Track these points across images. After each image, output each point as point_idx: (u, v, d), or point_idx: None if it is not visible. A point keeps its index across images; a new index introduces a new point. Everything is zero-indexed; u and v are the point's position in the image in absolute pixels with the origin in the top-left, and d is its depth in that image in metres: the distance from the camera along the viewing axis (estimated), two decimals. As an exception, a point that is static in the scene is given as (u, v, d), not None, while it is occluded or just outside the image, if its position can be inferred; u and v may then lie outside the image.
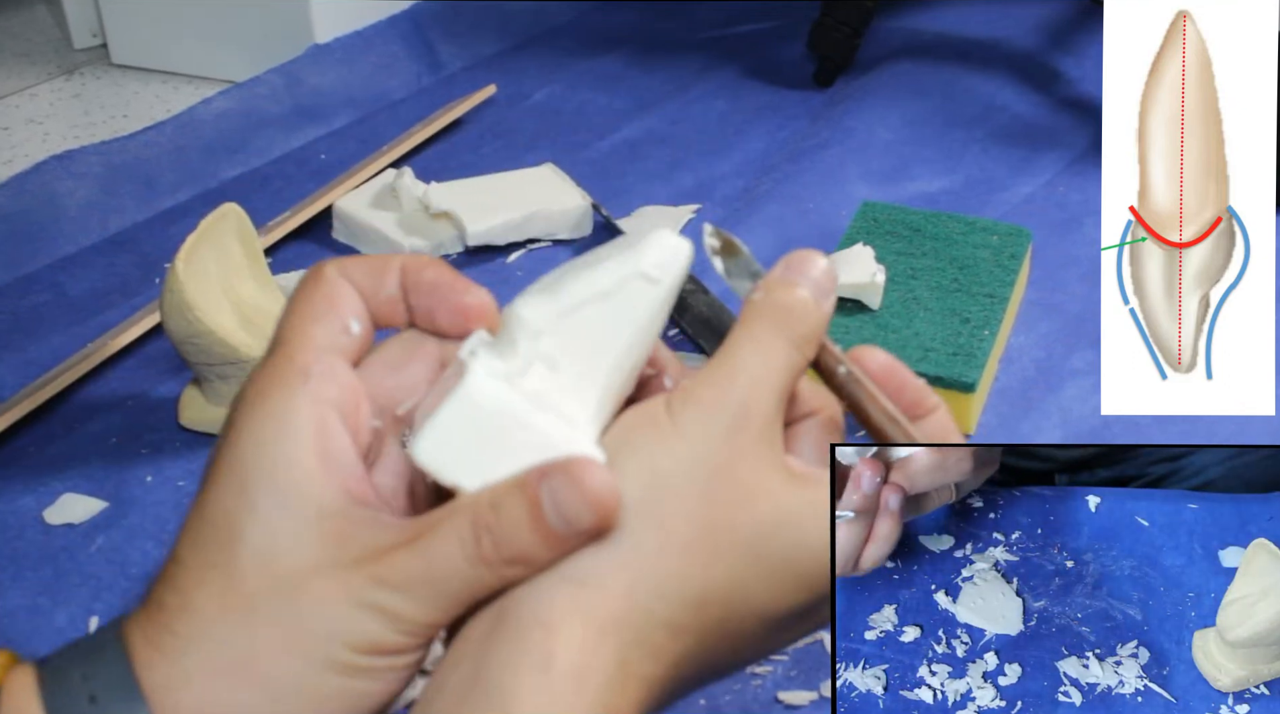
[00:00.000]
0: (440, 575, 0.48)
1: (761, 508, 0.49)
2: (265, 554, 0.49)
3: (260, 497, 0.49)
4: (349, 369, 0.52)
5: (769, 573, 0.49)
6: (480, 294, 0.55)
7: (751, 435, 0.49)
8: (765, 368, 0.50)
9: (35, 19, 1.49)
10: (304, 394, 0.50)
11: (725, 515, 0.48)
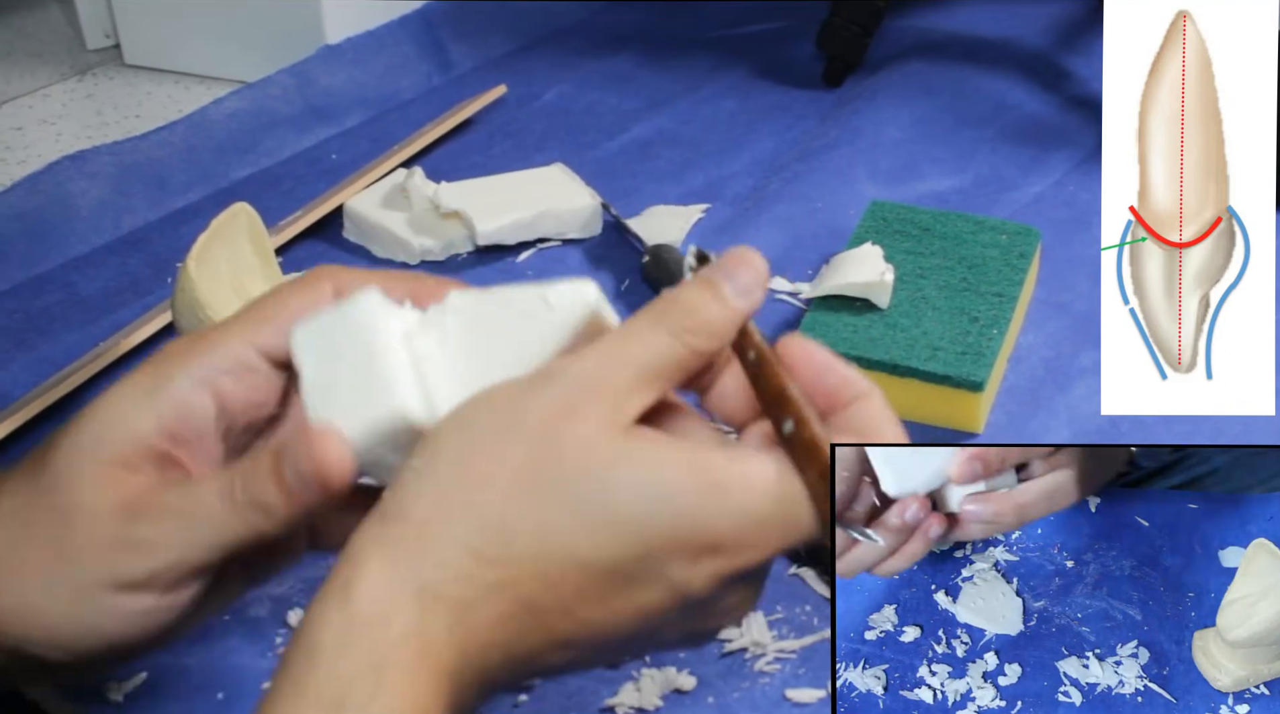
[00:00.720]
0: (194, 513, 0.54)
1: (584, 458, 0.51)
2: (57, 481, 0.56)
3: (82, 429, 0.56)
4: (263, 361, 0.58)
5: (585, 518, 0.50)
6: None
7: (593, 402, 0.51)
8: (625, 348, 0.52)
9: (48, 19, 1.50)
10: (194, 363, 0.57)
11: (541, 461, 0.50)
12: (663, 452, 0.51)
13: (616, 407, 0.52)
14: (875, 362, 0.86)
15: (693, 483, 0.51)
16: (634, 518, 0.50)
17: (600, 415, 0.51)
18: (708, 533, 0.51)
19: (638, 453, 0.51)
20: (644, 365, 0.53)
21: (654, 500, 0.51)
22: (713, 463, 0.52)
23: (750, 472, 0.52)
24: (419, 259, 1.03)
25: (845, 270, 0.90)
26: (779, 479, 0.52)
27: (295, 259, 1.04)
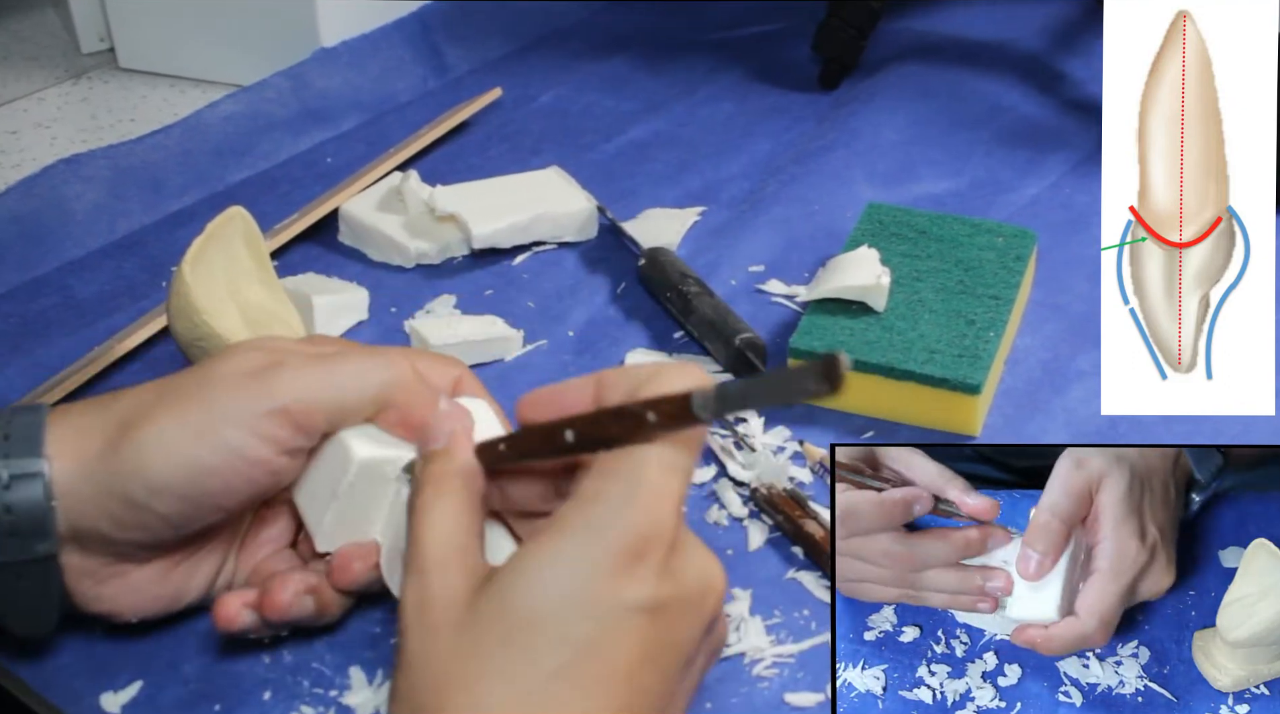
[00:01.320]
0: (340, 367, 0.67)
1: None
2: (200, 362, 0.68)
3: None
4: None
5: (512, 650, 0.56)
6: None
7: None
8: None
9: (43, 23, 1.49)
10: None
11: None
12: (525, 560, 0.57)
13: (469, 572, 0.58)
14: (872, 364, 0.86)
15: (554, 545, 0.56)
16: (543, 611, 0.55)
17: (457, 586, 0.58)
18: (620, 546, 0.55)
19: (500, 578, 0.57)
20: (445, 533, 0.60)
21: (534, 583, 0.56)
22: (557, 519, 0.57)
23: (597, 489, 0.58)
24: (414, 262, 1.03)
25: (842, 273, 0.90)
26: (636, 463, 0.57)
27: (291, 263, 1.04)
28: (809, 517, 0.78)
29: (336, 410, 0.66)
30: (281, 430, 0.65)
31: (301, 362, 0.66)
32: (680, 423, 0.56)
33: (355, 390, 0.66)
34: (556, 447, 0.60)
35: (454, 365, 0.71)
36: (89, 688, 0.70)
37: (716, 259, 1.03)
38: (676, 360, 0.61)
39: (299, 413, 0.65)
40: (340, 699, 0.69)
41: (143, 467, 0.63)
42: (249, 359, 0.66)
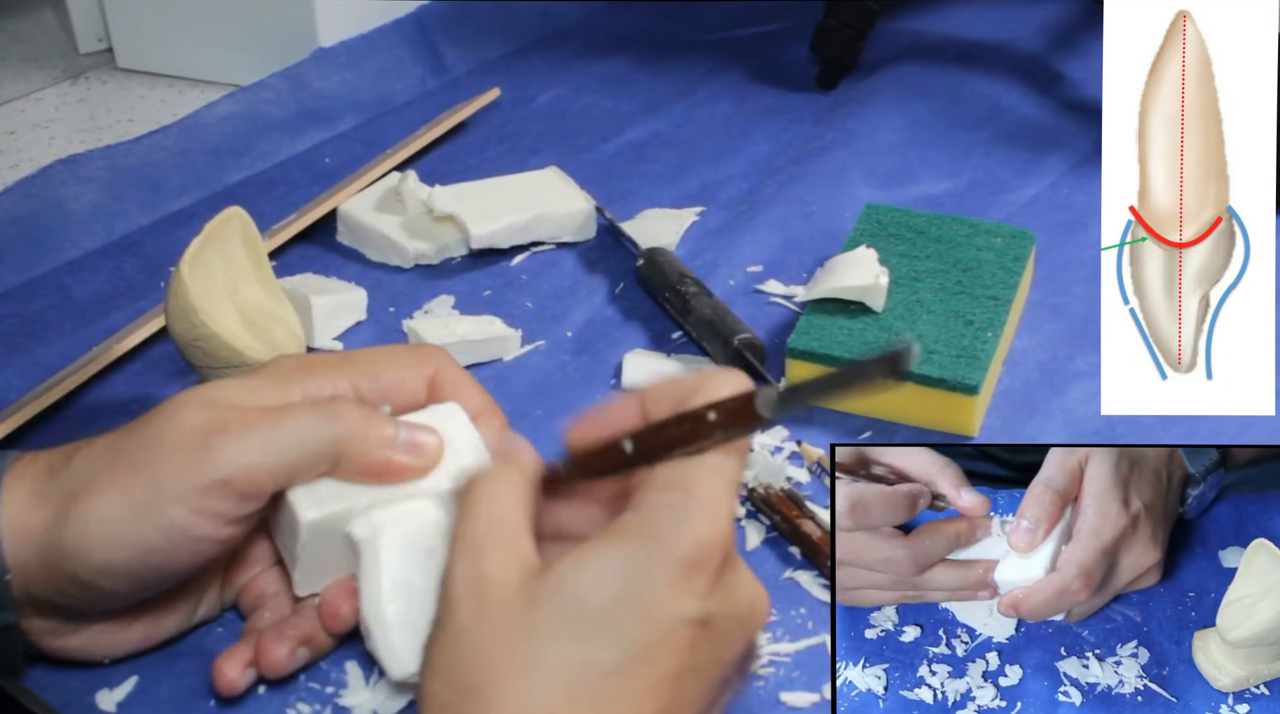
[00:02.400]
0: (281, 421, 0.65)
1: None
2: (151, 417, 0.65)
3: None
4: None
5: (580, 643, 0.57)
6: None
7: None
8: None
9: (41, 23, 1.49)
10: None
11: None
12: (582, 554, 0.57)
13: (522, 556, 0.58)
14: (871, 364, 0.85)
15: (627, 545, 0.56)
16: (603, 610, 0.55)
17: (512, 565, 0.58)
18: (681, 556, 0.56)
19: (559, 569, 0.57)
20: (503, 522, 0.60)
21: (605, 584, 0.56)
22: (618, 525, 0.58)
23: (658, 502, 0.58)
24: (413, 263, 1.03)
25: (840, 273, 0.90)
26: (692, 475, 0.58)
27: (289, 263, 1.04)
28: (806, 517, 0.78)
29: (283, 474, 0.65)
30: (225, 504, 0.64)
31: (244, 425, 0.64)
32: (744, 422, 0.57)
33: (304, 450, 0.65)
34: (616, 461, 0.60)
35: (425, 364, 0.71)
36: (85, 686, 0.70)
37: (715, 259, 1.03)
38: (719, 367, 0.62)
39: (243, 482, 0.63)
40: (337, 699, 0.69)
41: (86, 547, 0.63)
42: (195, 423, 0.64)
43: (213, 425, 0.64)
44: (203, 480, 0.63)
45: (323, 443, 0.65)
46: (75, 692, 0.70)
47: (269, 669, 0.68)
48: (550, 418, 0.88)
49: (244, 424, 0.64)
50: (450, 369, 0.71)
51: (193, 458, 0.63)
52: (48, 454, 0.67)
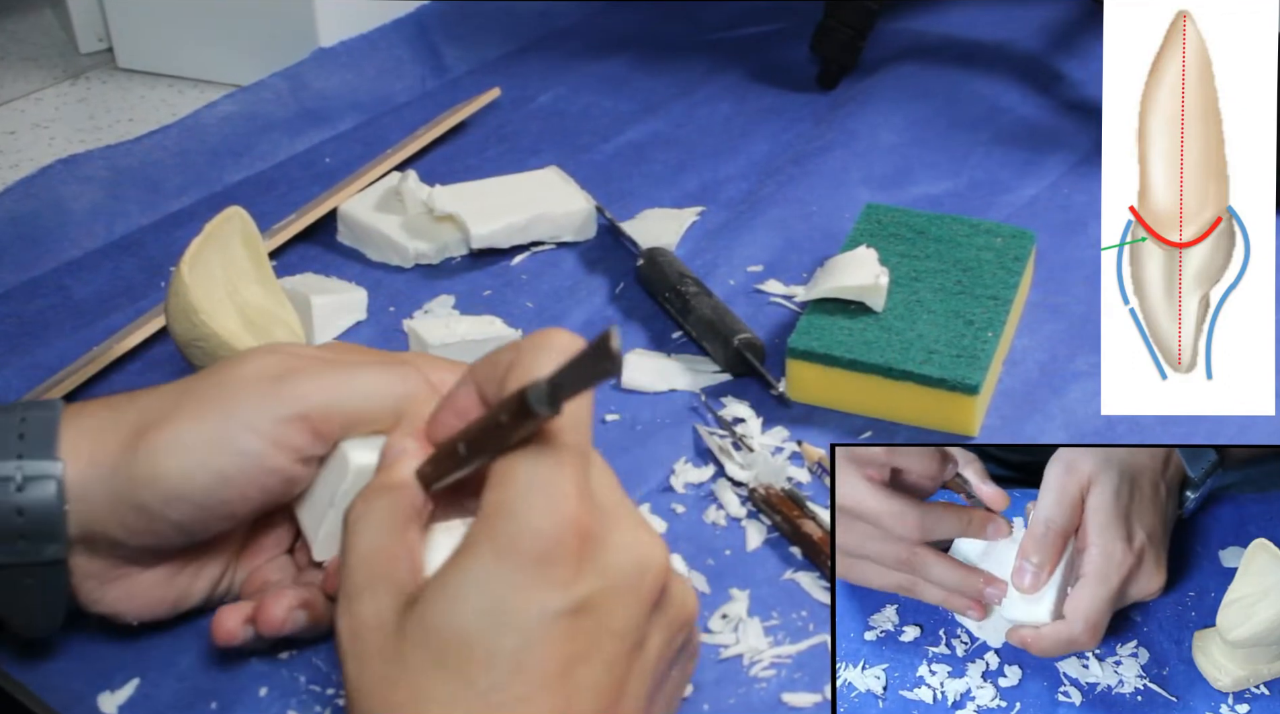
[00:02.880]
0: (359, 373, 0.66)
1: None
2: (220, 366, 0.67)
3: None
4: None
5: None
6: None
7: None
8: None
9: (41, 23, 1.49)
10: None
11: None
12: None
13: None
14: (870, 365, 0.86)
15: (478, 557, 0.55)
16: (467, 631, 0.54)
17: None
18: (527, 554, 0.54)
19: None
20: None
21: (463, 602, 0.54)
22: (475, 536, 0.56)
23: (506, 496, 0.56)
24: (413, 263, 1.03)
25: (840, 273, 0.90)
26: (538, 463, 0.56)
27: (289, 263, 1.04)
28: (807, 517, 0.78)
29: (354, 419, 0.66)
30: (300, 437, 0.64)
31: (320, 368, 0.66)
32: (527, 421, 0.54)
33: (374, 400, 0.66)
34: (459, 463, 0.59)
35: (454, 372, 0.69)
36: (86, 689, 0.70)
37: (715, 259, 1.03)
38: (528, 338, 0.59)
39: (318, 419, 0.64)
40: (337, 700, 0.69)
41: (159, 474, 0.63)
42: (268, 363, 0.66)
43: (289, 366, 0.65)
44: (280, 412, 0.64)
45: (393, 398, 0.66)
46: (77, 694, 0.70)
47: (265, 624, 0.67)
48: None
49: (320, 369, 0.66)
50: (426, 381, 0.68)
51: (270, 391, 0.64)
52: (104, 399, 0.67)
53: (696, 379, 0.92)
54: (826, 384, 0.87)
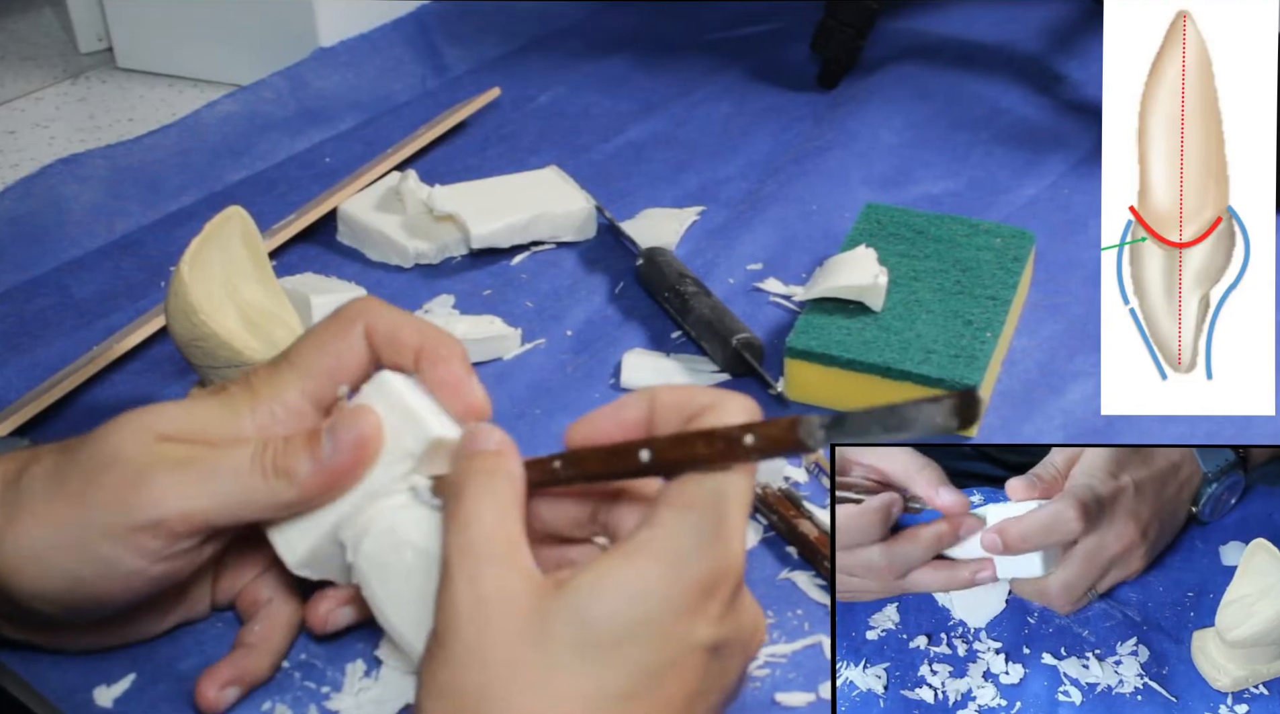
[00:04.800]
0: (219, 468, 0.62)
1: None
2: (98, 443, 0.63)
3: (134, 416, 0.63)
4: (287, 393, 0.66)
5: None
6: (481, 394, 0.65)
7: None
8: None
9: (41, 23, 1.49)
10: (256, 412, 0.65)
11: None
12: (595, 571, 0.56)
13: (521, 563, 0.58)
14: (869, 364, 0.86)
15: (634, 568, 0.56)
16: (619, 633, 0.55)
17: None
18: (700, 581, 0.56)
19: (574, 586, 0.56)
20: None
21: (623, 604, 0.55)
22: (624, 547, 0.57)
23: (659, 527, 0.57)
24: (413, 262, 1.03)
25: (839, 273, 0.90)
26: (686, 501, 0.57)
27: (289, 263, 1.04)
28: (804, 517, 0.78)
29: (221, 517, 0.63)
30: (155, 542, 0.62)
31: (181, 463, 0.62)
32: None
33: (238, 502, 0.63)
34: (627, 467, 0.59)
35: (352, 325, 0.66)
36: (82, 682, 0.70)
37: (714, 259, 1.03)
38: (731, 392, 0.61)
39: (176, 523, 0.62)
40: (330, 697, 0.69)
41: (19, 572, 0.62)
42: (131, 453, 0.62)
43: (150, 462, 0.62)
44: (134, 519, 0.61)
45: (260, 500, 0.63)
46: (73, 687, 0.70)
47: (312, 624, 0.69)
48: (550, 417, 0.88)
49: (182, 462, 0.62)
50: (379, 317, 0.66)
51: (126, 495, 0.61)
52: (11, 461, 0.65)
53: (695, 379, 0.92)
54: (825, 384, 0.87)
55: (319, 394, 0.66)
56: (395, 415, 0.64)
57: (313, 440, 0.63)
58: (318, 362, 0.65)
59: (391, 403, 0.65)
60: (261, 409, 0.65)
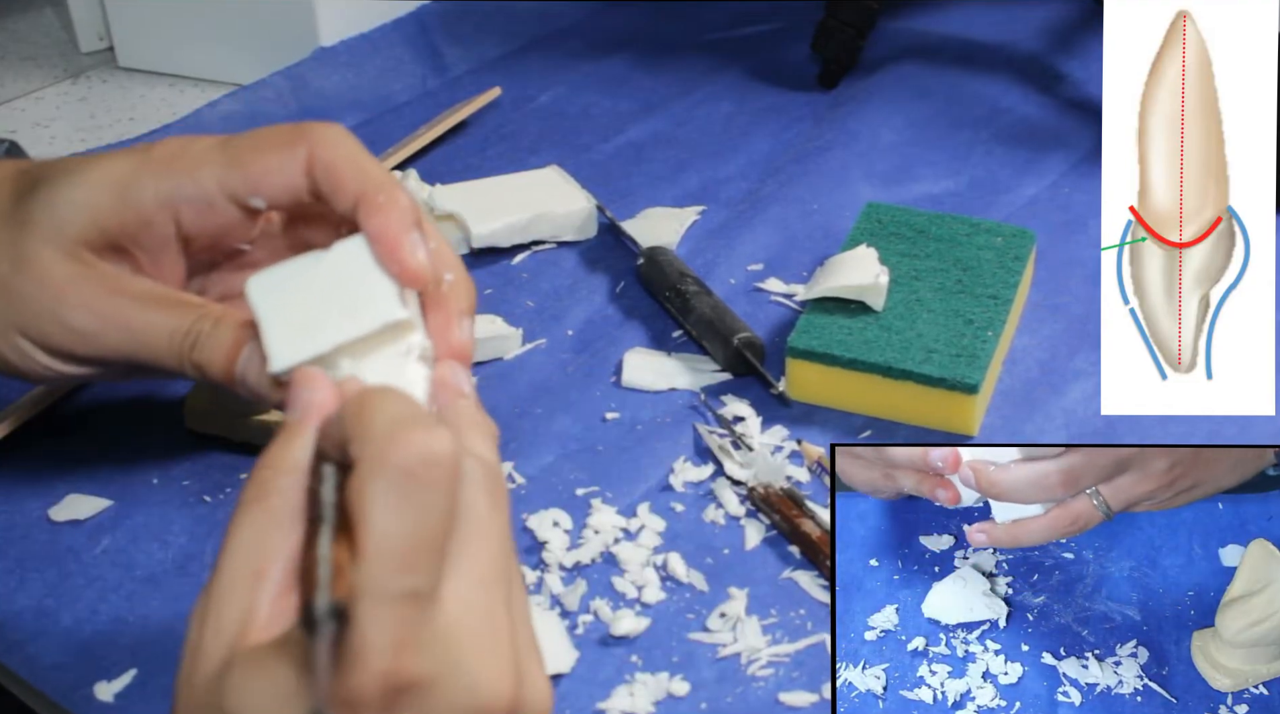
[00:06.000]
0: (138, 332, 0.61)
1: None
2: (15, 253, 0.62)
3: (51, 207, 0.62)
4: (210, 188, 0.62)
5: None
6: (419, 258, 0.57)
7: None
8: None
9: (41, 22, 1.49)
10: (165, 183, 0.61)
11: None
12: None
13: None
14: (870, 364, 0.86)
15: None
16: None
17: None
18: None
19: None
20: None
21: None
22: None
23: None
24: (414, 261, 1.03)
25: (840, 272, 0.90)
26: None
27: (290, 261, 1.04)
28: (806, 516, 0.78)
29: (124, 358, 0.62)
30: (42, 356, 0.63)
31: (90, 293, 0.61)
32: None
33: (145, 354, 0.62)
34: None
35: (298, 144, 0.60)
36: (82, 678, 0.70)
37: (715, 258, 1.03)
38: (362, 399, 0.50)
39: (78, 350, 0.62)
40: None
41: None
42: (48, 271, 0.61)
43: (59, 282, 0.61)
44: (47, 340, 0.62)
45: (168, 365, 0.62)
46: (73, 683, 0.70)
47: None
48: (550, 416, 0.88)
49: (91, 291, 0.61)
50: (327, 147, 0.60)
51: (43, 324, 0.62)
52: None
53: (696, 378, 0.92)
54: (826, 383, 0.87)
55: (235, 193, 0.61)
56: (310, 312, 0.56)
57: (231, 353, 0.60)
58: (250, 160, 0.61)
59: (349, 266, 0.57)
60: (169, 184, 0.61)
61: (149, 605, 0.76)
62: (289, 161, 0.60)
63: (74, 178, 0.62)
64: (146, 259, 0.63)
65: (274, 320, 0.56)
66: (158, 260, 0.63)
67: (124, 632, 0.73)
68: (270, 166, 0.60)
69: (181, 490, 0.84)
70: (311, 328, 0.55)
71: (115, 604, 0.76)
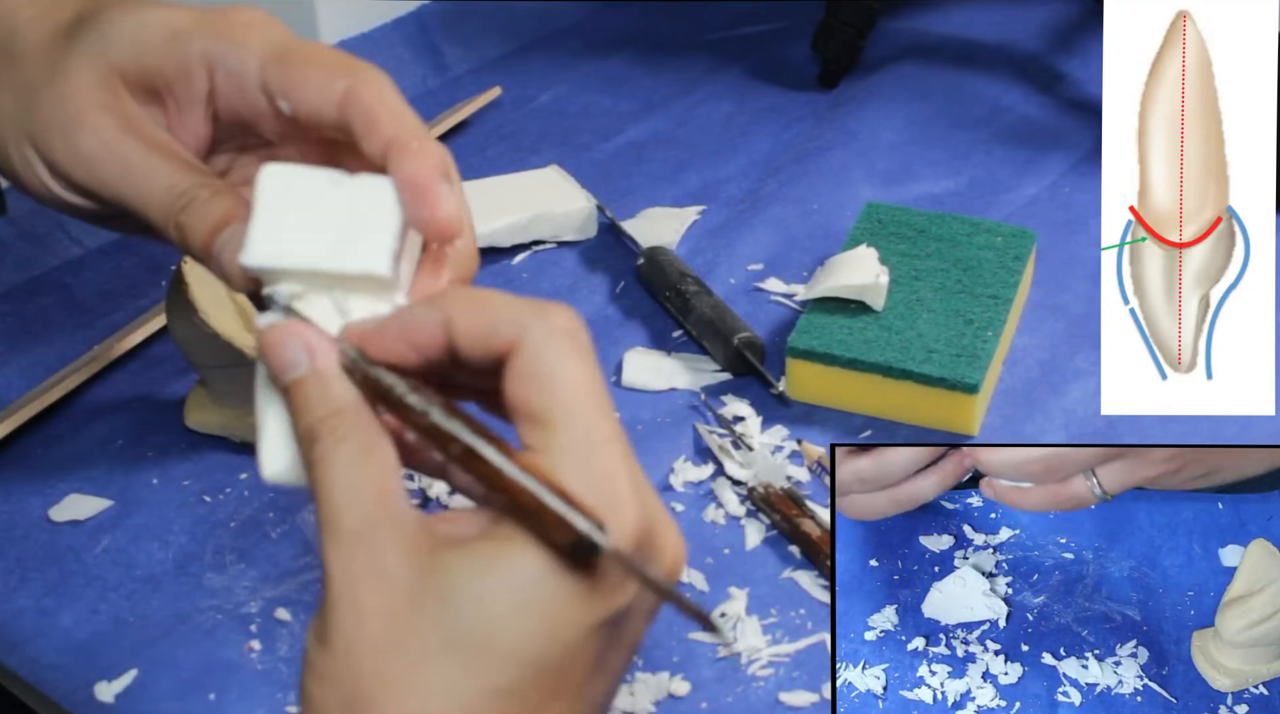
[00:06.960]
0: (135, 179, 0.60)
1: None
2: (54, 64, 0.62)
3: (100, 30, 0.61)
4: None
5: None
6: (451, 207, 0.57)
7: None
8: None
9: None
10: (212, 45, 0.60)
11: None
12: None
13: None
14: (870, 364, 0.86)
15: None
16: (497, 625, 0.49)
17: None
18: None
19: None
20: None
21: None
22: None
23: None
24: (414, 261, 1.03)
25: (840, 272, 0.90)
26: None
27: (290, 261, 1.04)
28: (806, 516, 0.78)
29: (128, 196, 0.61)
30: (56, 184, 0.63)
31: (116, 135, 0.60)
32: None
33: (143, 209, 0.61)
34: (438, 444, 0.51)
35: (342, 77, 0.59)
36: (83, 679, 0.70)
37: (715, 258, 1.03)
38: (542, 311, 0.52)
39: (84, 167, 0.61)
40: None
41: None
42: (83, 97, 0.61)
43: (82, 102, 0.61)
44: (50, 156, 0.62)
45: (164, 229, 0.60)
46: (74, 684, 0.70)
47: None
48: (550, 417, 0.88)
49: (107, 121, 0.61)
50: (370, 89, 0.59)
51: (50, 123, 0.61)
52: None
53: (696, 378, 0.92)
54: (826, 383, 0.88)
55: (268, 88, 0.60)
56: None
57: (215, 229, 0.58)
58: (294, 66, 0.59)
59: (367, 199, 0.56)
60: (217, 48, 0.61)
61: (149, 605, 0.76)
62: (327, 87, 0.59)
63: (134, 12, 0.62)
64: (175, 113, 0.63)
65: (268, 214, 0.54)
66: (184, 118, 0.63)
67: (124, 632, 0.73)
68: (309, 81, 0.59)
69: (181, 490, 0.84)
70: (297, 240, 0.54)
71: (115, 604, 0.76)
